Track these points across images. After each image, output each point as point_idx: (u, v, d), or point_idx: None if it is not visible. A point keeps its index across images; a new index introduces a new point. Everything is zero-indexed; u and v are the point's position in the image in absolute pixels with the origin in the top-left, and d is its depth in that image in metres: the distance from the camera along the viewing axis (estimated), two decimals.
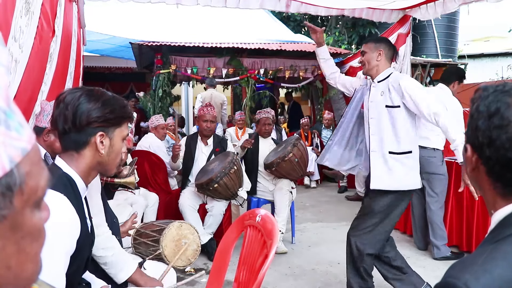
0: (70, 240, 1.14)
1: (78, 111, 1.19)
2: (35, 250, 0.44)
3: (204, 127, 3.83)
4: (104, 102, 1.22)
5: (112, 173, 1.38)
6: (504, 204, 0.79)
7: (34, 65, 1.72)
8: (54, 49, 2.24)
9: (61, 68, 2.66)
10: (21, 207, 0.40)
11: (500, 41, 17.23)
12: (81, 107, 1.19)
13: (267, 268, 1.36)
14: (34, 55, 1.66)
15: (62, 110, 1.20)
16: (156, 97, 7.07)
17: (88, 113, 1.19)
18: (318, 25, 12.95)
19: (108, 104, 1.23)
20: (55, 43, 2.21)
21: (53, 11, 2.07)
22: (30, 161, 0.40)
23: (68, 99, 1.20)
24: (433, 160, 3.63)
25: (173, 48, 6.98)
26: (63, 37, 2.59)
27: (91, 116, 1.20)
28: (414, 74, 8.52)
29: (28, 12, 1.49)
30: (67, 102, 1.20)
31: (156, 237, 2.06)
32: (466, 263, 0.74)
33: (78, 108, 1.19)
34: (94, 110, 1.20)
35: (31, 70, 1.66)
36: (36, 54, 1.69)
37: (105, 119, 1.22)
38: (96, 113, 1.20)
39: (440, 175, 3.67)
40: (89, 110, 1.20)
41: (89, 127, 1.21)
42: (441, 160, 3.67)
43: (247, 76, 7.37)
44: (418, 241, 3.87)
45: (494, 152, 0.77)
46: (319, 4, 5.14)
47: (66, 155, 1.25)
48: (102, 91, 1.26)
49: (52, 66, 2.24)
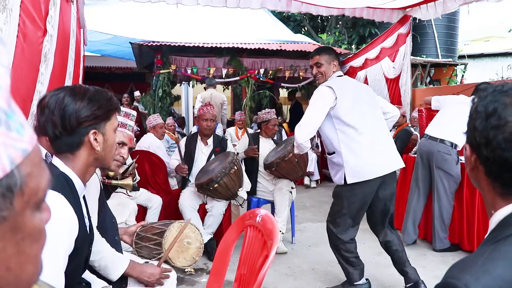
0: (69, 239, 1.14)
1: (65, 114, 1.15)
2: (35, 252, 0.43)
3: (204, 126, 3.83)
4: (90, 99, 1.19)
5: (110, 165, 1.36)
6: (504, 205, 0.79)
7: (22, 65, 1.71)
8: (49, 49, 2.22)
9: (59, 68, 2.65)
10: (22, 209, 0.40)
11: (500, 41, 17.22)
12: (68, 109, 1.16)
13: (267, 268, 1.36)
14: (20, 54, 1.65)
15: (49, 115, 1.16)
16: (156, 97, 7.08)
17: (76, 114, 1.16)
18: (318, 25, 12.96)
19: (94, 100, 1.20)
20: (49, 42, 2.19)
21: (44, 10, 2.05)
22: (31, 162, 0.40)
23: (52, 102, 1.16)
24: (448, 158, 3.60)
25: (173, 48, 6.98)
26: (60, 36, 2.58)
27: (80, 116, 1.17)
28: (414, 74, 8.53)
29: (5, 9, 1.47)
30: (51, 106, 1.16)
31: (158, 240, 2.05)
32: (466, 263, 0.74)
33: (65, 111, 1.15)
34: (81, 109, 1.17)
35: (18, 69, 1.65)
36: (22, 53, 1.67)
37: (94, 116, 1.20)
38: (85, 112, 1.17)
39: (453, 177, 3.63)
40: (77, 111, 1.16)
41: (80, 128, 1.18)
42: (456, 159, 3.63)
43: (247, 76, 7.37)
44: (408, 235, 3.86)
45: (491, 152, 0.78)
46: (320, 4, 5.14)
47: (61, 156, 1.24)
48: (84, 88, 1.22)
49: (48, 66, 2.22)
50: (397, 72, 6.46)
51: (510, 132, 0.75)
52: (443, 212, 3.69)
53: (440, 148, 3.64)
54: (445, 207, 3.69)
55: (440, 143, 3.64)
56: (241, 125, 6.79)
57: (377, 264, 3.49)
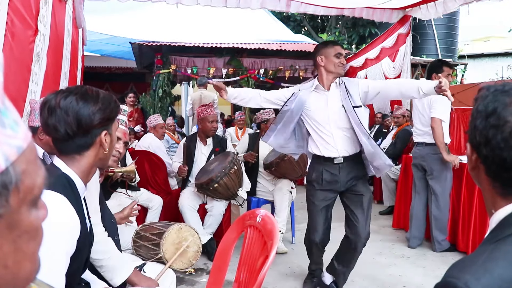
0: (71, 241, 1.15)
1: (81, 116, 1.19)
2: (32, 249, 0.43)
3: (210, 128, 3.83)
4: (103, 102, 1.24)
5: (108, 164, 1.42)
6: (504, 204, 0.79)
7: (11, 64, 1.70)
8: (42, 49, 2.21)
9: (52, 67, 2.63)
10: (18, 206, 0.39)
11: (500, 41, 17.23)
12: (83, 111, 1.19)
13: (267, 268, 1.36)
14: (8, 53, 1.64)
15: (62, 116, 1.18)
16: (156, 97, 7.08)
17: (92, 116, 1.20)
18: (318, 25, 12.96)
19: (105, 103, 1.25)
20: (42, 42, 2.18)
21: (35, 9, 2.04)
22: (26, 159, 0.39)
23: (65, 104, 1.18)
24: (436, 157, 3.61)
25: (173, 48, 6.98)
26: (52, 36, 2.57)
27: (95, 118, 1.21)
28: (414, 74, 8.52)
29: None
30: (64, 107, 1.18)
31: (157, 241, 2.05)
32: (467, 263, 0.74)
33: (81, 113, 1.19)
34: (96, 112, 1.21)
35: (7, 68, 1.64)
36: (11, 52, 1.67)
37: (107, 118, 1.25)
38: (100, 115, 1.22)
39: (446, 171, 3.65)
40: (93, 113, 1.20)
41: (94, 129, 1.23)
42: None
43: (247, 76, 7.37)
44: (413, 239, 3.87)
45: (490, 152, 0.78)
46: (319, 4, 5.13)
47: (66, 157, 1.25)
48: (95, 90, 1.26)
49: (42, 65, 2.22)
50: (397, 72, 6.46)
51: (509, 131, 0.75)
52: (441, 214, 3.69)
53: (427, 151, 3.70)
54: (443, 209, 3.69)
55: (426, 147, 3.70)
56: (241, 125, 6.79)
57: (377, 264, 3.48)
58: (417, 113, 3.78)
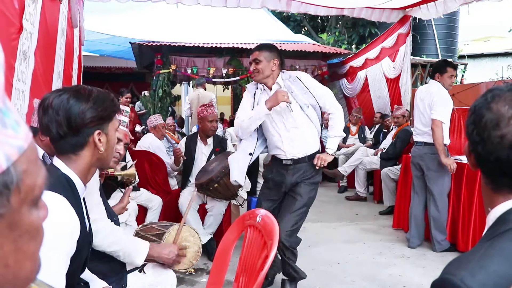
0: (71, 241, 1.15)
1: (71, 114, 1.16)
2: (33, 249, 0.43)
3: (210, 127, 3.84)
4: (95, 100, 1.21)
5: (109, 165, 1.38)
6: (500, 202, 0.81)
7: None
8: (29, 47, 2.19)
9: (42, 66, 2.60)
10: (18, 206, 0.40)
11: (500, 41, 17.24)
12: (73, 110, 1.16)
13: (267, 268, 1.36)
14: None
15: (53, 116, 1.16)
16: (156, 97, 7.07)
17: (82, 115, 1.17)
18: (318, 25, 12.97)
19: (98, 101, 1.21)
20: (28, 40, 2.17)
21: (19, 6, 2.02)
22: (27, 159, 0.40)
23: (56, 103, 1.17)
24: (434, 158, 3.62)
25: (173, 48, 6.98)
26: (42, 35, 2.54)
27: (86, 117, 1.18)
28: (414, 74, 8.52)
29: None
30: (56, 107, 1.16)
31: (157, 242, 2.05)
32: (463, 260, 0.75)
33: (71, 111, 1.16)
34: (87, 110, 1.18)
35: None
36: None
37: (100, 117, 1.21)
38: (91, 113, 1.19)
39: (443, 176, 3.65)
40: (83, 111, 1.17)
41: (85, 128, 1.19)
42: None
43: (247, 76, 7.36)
44: (413, 239, 3.87)
45: (486, 150, 0.80)
46: (319, 4, 5.14)
47: (64, 157, 1.24)
48: (88, 89, 1.23)
49: (29, 64, 2.20)
50: (397, 72, 6.46)
51: (504, 131, 0.76)
52: (439, 214, 3.68)
53: (426, 150, 3.70)
54: (441, 209, 3.68)
55: (425, 146, 3.70)
56: None
57: (377, 264, 3.48)
58: (417, 113, 3.79)
